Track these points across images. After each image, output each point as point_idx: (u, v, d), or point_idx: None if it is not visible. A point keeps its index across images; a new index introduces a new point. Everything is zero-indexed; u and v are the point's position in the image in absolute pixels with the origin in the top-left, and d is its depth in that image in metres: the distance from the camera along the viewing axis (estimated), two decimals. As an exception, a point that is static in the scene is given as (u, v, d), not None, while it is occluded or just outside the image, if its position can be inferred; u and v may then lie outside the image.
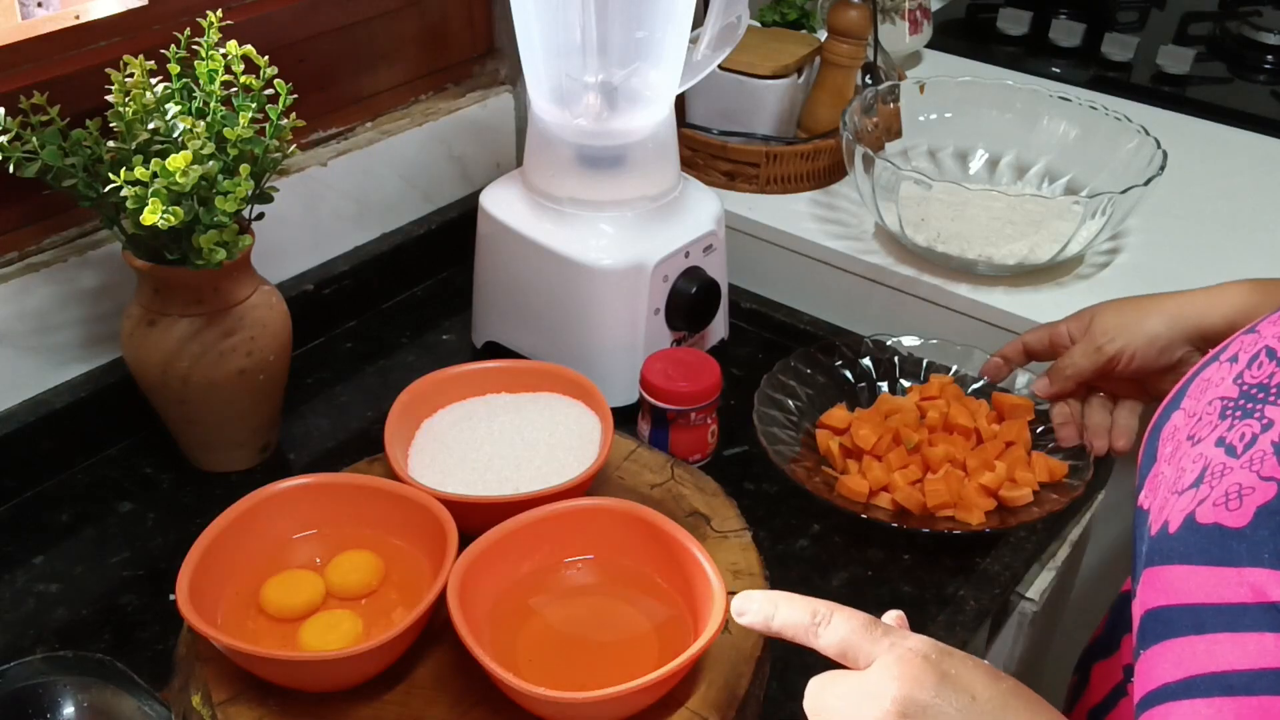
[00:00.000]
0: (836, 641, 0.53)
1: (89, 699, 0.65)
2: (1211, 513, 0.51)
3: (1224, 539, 0.49)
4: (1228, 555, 0.49)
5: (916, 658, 0.51)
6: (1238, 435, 0.53)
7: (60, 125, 0.76)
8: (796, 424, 0.90)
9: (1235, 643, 0.47)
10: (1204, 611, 0.49)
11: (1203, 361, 0.63)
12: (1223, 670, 0.48)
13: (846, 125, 1.04)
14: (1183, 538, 0.52)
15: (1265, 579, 0.47)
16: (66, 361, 0.89)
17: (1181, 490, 0.55)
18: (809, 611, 0.54)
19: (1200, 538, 0.51)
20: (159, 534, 0.83)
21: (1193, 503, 0.53)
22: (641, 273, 0.90)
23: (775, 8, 1.25)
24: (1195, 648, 0.49)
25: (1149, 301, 0.84)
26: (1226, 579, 0.49)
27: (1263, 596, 0.47)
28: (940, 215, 0.99)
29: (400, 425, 0.79)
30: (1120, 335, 0.83)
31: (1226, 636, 0.48)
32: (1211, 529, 0.50)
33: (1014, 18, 1.51)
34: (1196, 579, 0.50)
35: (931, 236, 1.01)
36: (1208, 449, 0.55)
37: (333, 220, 1.05)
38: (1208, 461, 0.54)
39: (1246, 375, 0.56)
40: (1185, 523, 0.52)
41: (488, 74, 1.18)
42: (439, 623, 0.66)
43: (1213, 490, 0.52)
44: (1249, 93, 1.41)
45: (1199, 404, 0.59)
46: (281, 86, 0.79)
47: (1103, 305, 0.86)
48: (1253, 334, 0.59)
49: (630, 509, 0.71)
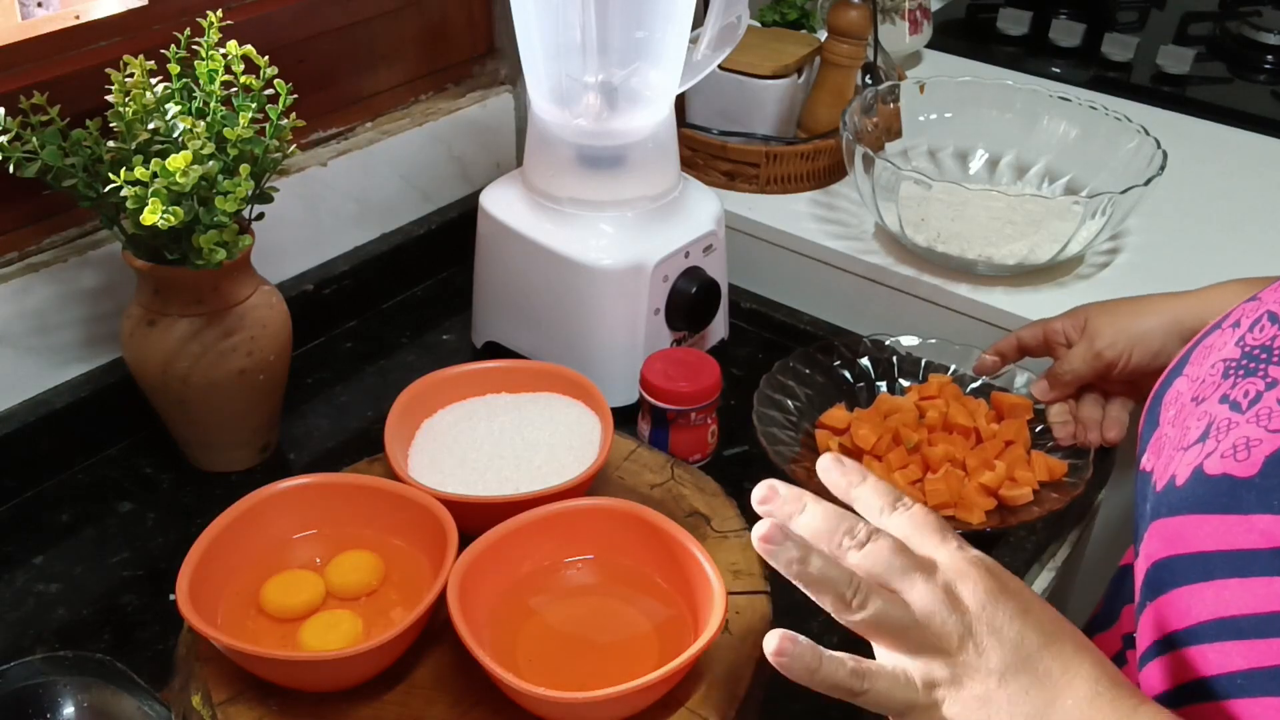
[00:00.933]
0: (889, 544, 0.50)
1: (89, 699, 0.65)
2: (1220, 464, 0.51)
3: (1233, 488, 0.50)
4: (1236, 503, 0.49)
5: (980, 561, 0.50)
6: (1241, 392, 0.54)
7: (60, 125, 0.76)
8: (796, 424, 0.90)
9: (1244, 588, 0.48)
10: (1213, 558, 0.50)
11: (1205, 330, 0.63)
12: (1231, 615, 0.48)
13: (846, 125, 1.04)
14: (1191, 490, 0.52)
15: (1275, 525, 0.47)
16: (66, 361, 0.89)
17: (1187, 446, 0.55)
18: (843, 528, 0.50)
19: (1208, 488, 0.51)
20: (159, 534, 0.83)
21: (1200, 456, 0.53)
22: (641, 273, 0.90)
23: (775, 8, 1.25)
24: (1203, 594, 0.50)
25: (1144, 303, 0.84)
26: (1235, 526, 0.49)
27: (1273, 541, 0.47)
28: (940, 215, 0.99)
29: (400, 425, 0.79)
30: (1119, 340, 0.83)
31: (1236, 582, 0.48)
32: (1220, 479, 0.51)
33: (1014, 18, 1.51)
34: (1205, 527, 0.51)
35: (931, 236, 1.01)
36: (1212, 406, 0.55)
37: (333, 220, 1.05)
38: (1213, 418, 0.54)
39: (1249, 338, 0.57)
40: (1193, 475, 0.53)
41: (488, 74, 1.18)
42: (439, 623, 0.66)
43: (1219, 444, 0.52)
44: (1249, 93, 1.41)
45: (1201, 369, 0.60)
46: (281, 86, 0.79)
47: (1097, 306, 0.86)
48: (1254, 301, 0.60)
49: (630, 509, 0.71)
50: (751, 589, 0.71)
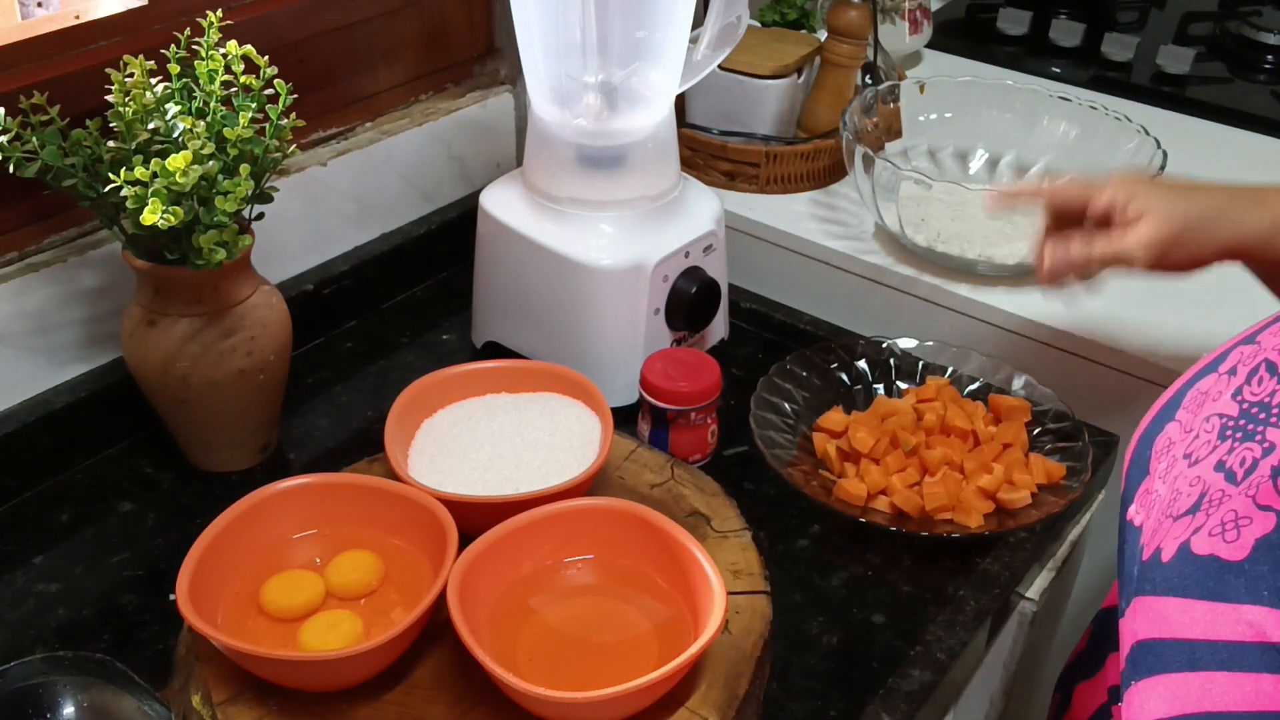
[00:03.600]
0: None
1: (89, 699, 0.65)
2: (1208, 543, 0.49)
3: (1221, 572, 0.48)
4: (1224, 590, 0.47)
5: None
6: (1238, 460, 0.51)
7: (60, 125, 0.76)
8: (793, 427, 0.90)
9: (1233, 682, 0.46)
10: (1199, 648, 0.48)
11: (1196, 370, 0.61)
12: (1219, 710, 0.46)
13: (846, 125, 1.04)
14: (1177, 568, 0.50)
15: (1264, 617, 0.45)
16: (66, 361, 0.89)
17: (1177, 515, 0.53)
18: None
19: (1196, 569, 0.49)
20: (159, 534, 0.83)
21: (1188, 530, 0.51)
22: (641, 273, 0.90)
23: (775, 8, 1.25)
24: (1190, 684, 0.48)
25: (1197, 188, 0.72)
26: (1223, 615, 0.47)
27: (1261, 636, 0.45)
28: (940, 215, 0.99)
29: (400, 425, 0.79)
30: (1147, 201, 0.70)
31: (1223, 675, 0.46)
32: (1208, 561, 0.49)
33: (1014, 18, 1.51)
34: (1191, 613, 0.49)
35: (931, 236, 1.01)
36: (1206, 472, 0.53)
37: (333, 220, 1.05)
38: (1206, 487, 0.52)
39: (1246, 392, 0.55)
40: (1180, 551, 0.50)
41: (488, 74, 1.18)
42: (439, 623, 0.67)
43: (1209, 518, 0.50)
44: (1249, 93, 1.41)
45: (1195, 418, 0.57)
46: (281, 86, 0.79)
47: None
48: (1252, 345, 0.57)
49: (630, 509, 0.71)
50: (751, 589, 0.71)
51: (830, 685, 0.73)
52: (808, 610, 0.79)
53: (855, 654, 0.76)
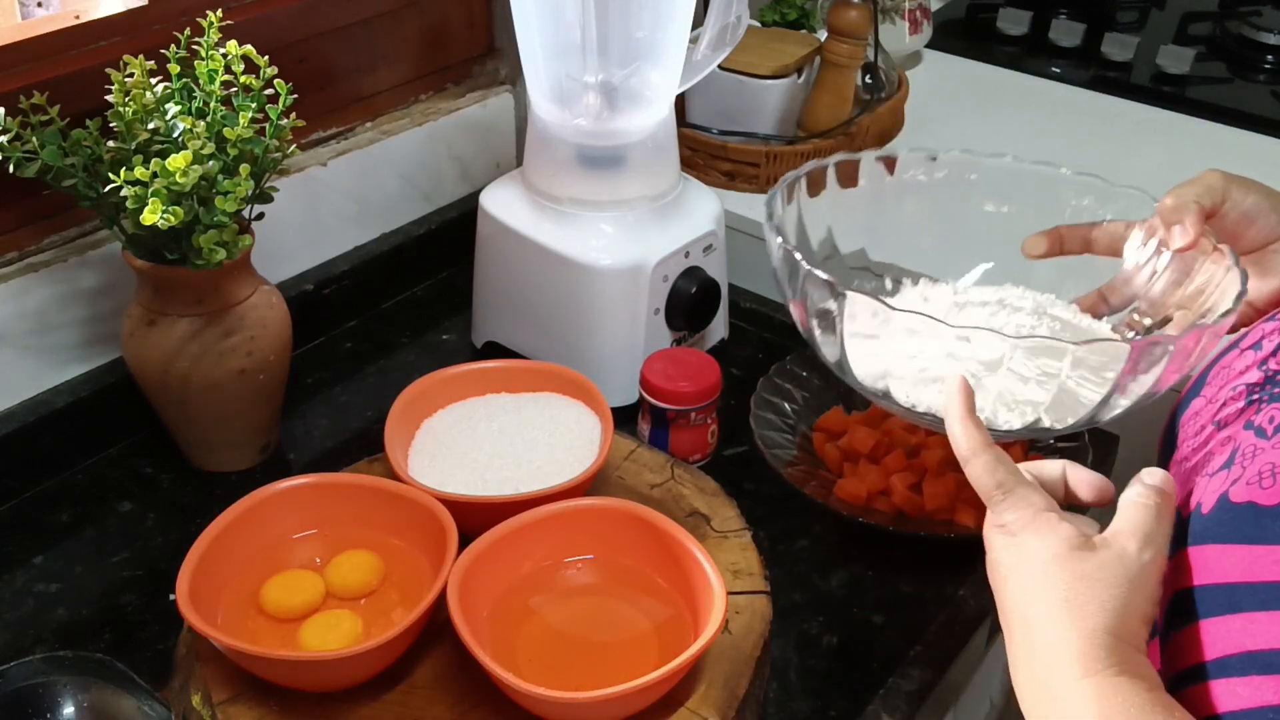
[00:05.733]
0: None
1: (89, 699, 0.65)
2: (1245, 491, 0.51)
3: (1258, 517, 0.49)
4: (1262, 533, 0.49)
5: None
6: (1266, 418, 0.53)
7: (60, 125, 0.76)
8: (793, 427, 0.90)
9: (1273, 621, 0.47)
10: (1239, 590, 0.49)
11: (1221, 349, 0.63)
12: (1260, 649, 0.48)
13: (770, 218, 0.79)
14: (1216, 518, 0.52)
15: None
16: (66, 361, 0.89)
17: (1213, 472, 0.55)
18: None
19: (1234, 516, 0.51)
20: (159, 534, 0.83)
21: (1225, 483, 0.53)
22: (641, 273, 0.90)
23: (775, 8, 1.25)
24: (1229, 626, 0.49)
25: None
26: (1262, 557, 0.49)
27: None
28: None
29: (400, 425, 0.79)
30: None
31: (1264, 615, 0.48)
32: (1245, 508, 0.50)
33: (1014, 18, 1.51)
34: (1230, 558, 0.50)
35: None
36: (1236, 431, 0.55)
37: (333, 220, 1.05)
38: (1238, 444, 0.54)
39: (1273, 362, 0.57)
40: (1219, 503, 0.52)
41: (488, 74, 1.18)
42: (439, 623, 0.67)
43: (1245, 470, 0.52)
44: (1249, 93, 1.41)
45: (1220, 390, 0.59)
46: (281, 86, 0.79)
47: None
48: (1275, 321, 0.60)
49: (630, 509, 0.71)
50: (751, 589, 0.71)
51: (830, 685, 0.73)
52: (808, 610, 0.79)
53: (855, 654, 0.76)
